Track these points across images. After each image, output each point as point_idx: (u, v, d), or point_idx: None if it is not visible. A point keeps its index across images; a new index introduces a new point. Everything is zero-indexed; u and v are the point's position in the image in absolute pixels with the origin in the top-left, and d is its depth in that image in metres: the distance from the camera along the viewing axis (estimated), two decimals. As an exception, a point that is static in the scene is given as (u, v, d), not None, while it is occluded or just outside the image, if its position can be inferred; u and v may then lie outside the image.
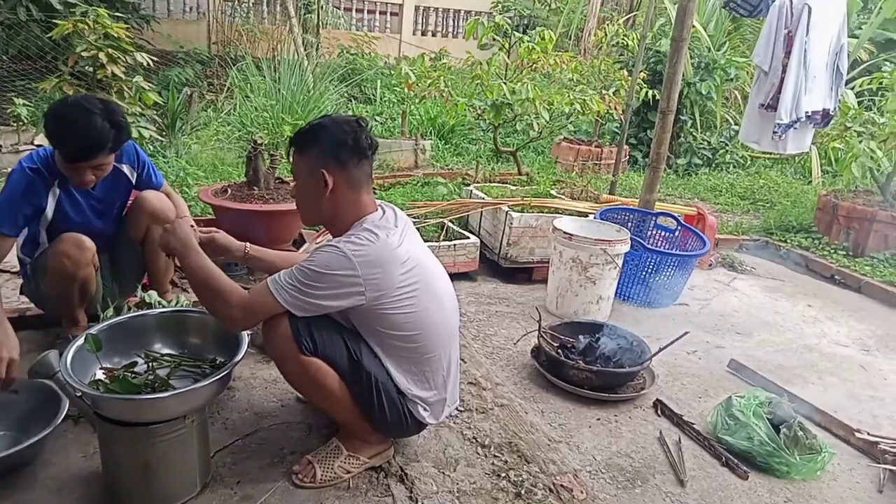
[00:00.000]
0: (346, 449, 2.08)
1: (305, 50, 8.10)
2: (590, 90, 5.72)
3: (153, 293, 2.60)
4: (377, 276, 1.85)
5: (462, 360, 2.87)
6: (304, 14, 9.13)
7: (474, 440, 2.38)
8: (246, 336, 1.99)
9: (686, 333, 3.01)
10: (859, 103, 6.72)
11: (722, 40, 8.15)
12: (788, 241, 5.33)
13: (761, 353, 3.47)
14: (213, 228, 2.25)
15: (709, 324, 3.79)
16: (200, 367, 2.03)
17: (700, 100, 7.37)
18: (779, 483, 2.38)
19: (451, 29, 12.15)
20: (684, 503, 2.22)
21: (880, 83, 5.45)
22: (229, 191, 3.74)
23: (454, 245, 3.88)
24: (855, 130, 5.27)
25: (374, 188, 5.31)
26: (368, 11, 11.45)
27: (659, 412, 2.75)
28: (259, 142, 3.80)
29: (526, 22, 11.17)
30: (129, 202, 2.74)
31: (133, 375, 1.93)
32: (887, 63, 6.92)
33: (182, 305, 2.56)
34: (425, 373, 2.04)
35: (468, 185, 4.92)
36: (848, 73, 5.08)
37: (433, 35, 11.96)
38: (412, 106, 7.55)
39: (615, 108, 5.77)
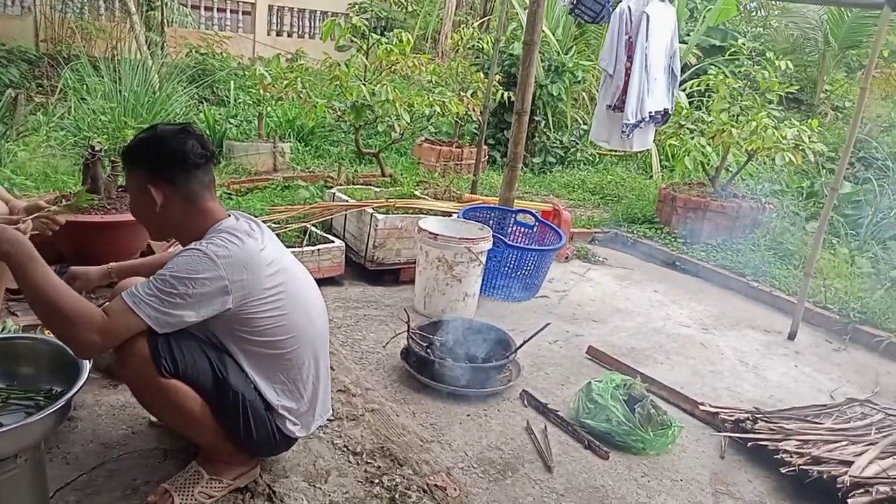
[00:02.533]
0: (206, 472, 1.95)
1: (149, 49, 7.57)
2: (448, 92, 5.83)
3: (-28, 320, 2.30)
4: (243, 278, 1.76)
5: (331, 367, 2.80)
6: (147, 11, 8.53)
7: (346, 448, 2.33)
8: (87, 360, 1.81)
9: (548, 325, 3.15)
10: (690, 104, 7.36)
11: (569, 45, 8.61)
12: (635, 231, 5.73)
13: (615, 338, 3.70)
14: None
15: (567, 314, 3.98)
16: (33, 400, 1.81)
17: (552, 101, 7.74)
18: (636, 459, 2.54)
19: (307, 30, 11.90)
20: (552, 488, 2.31)
21: (707, 85, 6.00)
22: (64, 201, 3.40)
23: (318, 250, 3.79)
24: (687, 128, 5.76)
25: (230, 194, 5.09)
26: (219, 10, 10.93)
27: (525, 402, 2.85)
28: (97, 148, 3.49)
29: (383, 24, 11.18)
30: None
31: (-52, 415, 1.69)
32: (712, 67, 7.64)
33: (9, 332, 2.29)
34: (294, 381, 1.96)
35: (331, 187, 4.84)
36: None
37: (289, 35, 11.64)
38: (269, 108, 7.30)
39: (473, 110, 5.92)
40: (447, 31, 10.39)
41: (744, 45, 6.25)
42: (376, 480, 2.17)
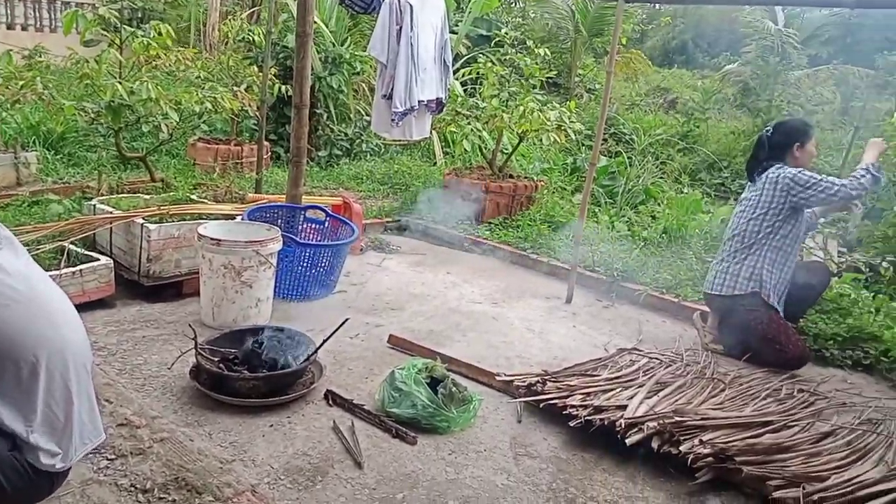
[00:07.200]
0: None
1: None
2: (220, 87, 5.49)
3: None
4: None
5: (107, 401, 2.50)
6: None
7: (133, 488, 2.09)
8: None
9: (347, 320, 3.10)
10: (464, 91, 7.74)
11: (344, 36, 8.57)
12: (425, 217, 5.89)
13: (415, 323, 3.77)
14: None
15: (366, 306, 3.98)
16: None
17: (332, 93, 7.65)
18: (443, 439, 2.61)
19: (46, 22, 10.50)
20: (364, 483, 2.29)
21: (478, 73, 6.33)
22: None
23: (81, 270, 3.36)
24: (464, 115, 6.04)
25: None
26: (-73, -1, 9.25)
27: (330, 402, 2.79)
28: None
29: (140, 15, 10.22)
30: None
31: None
32: (481, 56, 8.08)
33: None
34: (48, 403, 1.68)
35: (90, 199, 4.31)
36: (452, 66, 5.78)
37: (24, 29, 10.21)
38: (4, 113, 6.32)
39: (250, 105, 5.66)
40: (213, 22, 9.79)
41: (507, 34, 6.67)
42: (172, 516, 1.98)
